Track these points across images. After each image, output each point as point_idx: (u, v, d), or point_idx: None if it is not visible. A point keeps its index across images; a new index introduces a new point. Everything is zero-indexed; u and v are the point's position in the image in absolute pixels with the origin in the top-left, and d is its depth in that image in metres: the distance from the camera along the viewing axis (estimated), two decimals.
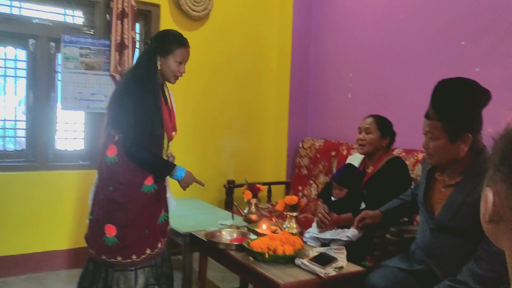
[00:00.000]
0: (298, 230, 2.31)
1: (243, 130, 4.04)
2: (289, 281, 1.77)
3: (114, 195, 2.06)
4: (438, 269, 1.75)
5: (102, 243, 2.07)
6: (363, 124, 2.53)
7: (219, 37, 3.87)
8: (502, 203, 0.61)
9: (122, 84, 2.12)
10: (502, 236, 0.64)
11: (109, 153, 2.10)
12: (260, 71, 4.12)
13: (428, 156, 1.78)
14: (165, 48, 2.11)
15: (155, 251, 2.15)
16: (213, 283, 3.20)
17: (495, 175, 0.63)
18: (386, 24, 3.34)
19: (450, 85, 1.71)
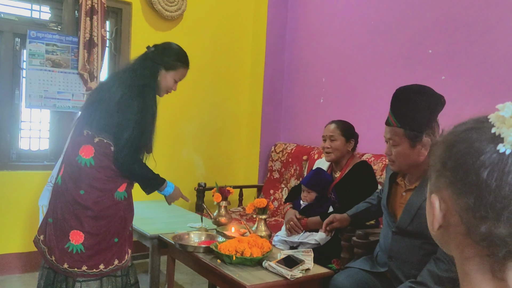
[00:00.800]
0: (267, 233, 2.30)
1: (215, 133, 4.01)
2: (255, 283, 1.75)
3: (86, 200, 1.93)
4: (399, 270, 1.80)
5: (65, 250, 1.93)
6: (326, 132, 2.54)
7: (192, 38, 3.84)
8: (448, 208, 0.61)
9: (120, 87, 1.96)
10: (451, 241, 0.64)
11: (83, 153, 1.97)
12: (233, 74, 4.10)
13: (390, 162, 1.83)
14: (170, 62, 2.10)
15: (122, 262, 2.04)
16: (182, 286, 3.15)
17: (438, 181, 0.63)
18: (358, 31, 3.39)
19: (408, 92, 1.76)
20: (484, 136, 0.58)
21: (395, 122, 1.76)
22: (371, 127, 3.11)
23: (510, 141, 0.55)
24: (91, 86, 3.25)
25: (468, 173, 0.57)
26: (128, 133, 1.92)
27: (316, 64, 3.78)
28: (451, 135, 0.63)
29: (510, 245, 0.56)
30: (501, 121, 0.57)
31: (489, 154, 0.56)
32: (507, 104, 0.57)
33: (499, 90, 2.42)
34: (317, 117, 3.71)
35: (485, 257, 0.59)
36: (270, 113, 4.10)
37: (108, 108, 1.94)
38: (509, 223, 0.55)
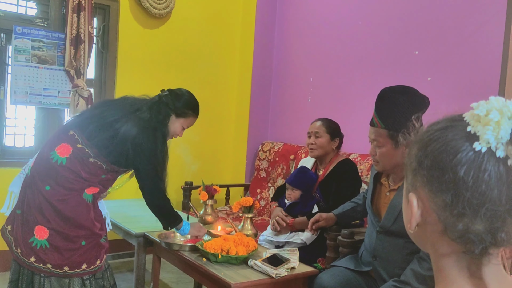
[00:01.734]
0: (253, 231, 2.31)
1: (202, 132, 4.00)
2: (240, 282, 1.76)
3: (49, 196, 1.90)
4: (383, 269, 1.82)
5: (29, 244, 1.90)
6: (312, 129, 2.56)
7: (181, 36, 3.83)
8: (425, 206, 0.62)
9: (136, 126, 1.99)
10: (427, 239, 0.65)
11: (59, 151, 1.94)
12: (221, 72, 4.10)
13: (375, 162, 1.84)
14: (182, 110, 2.15)
15: (92, 268, 1.98)
16: (168, 285, 3.15)
17: (414, 180, 0.64)
18: (346, 31, 3.41)
19: (392, 92, 1.77)
20: (460, 134, 0.59)
21: (379, 122, 1.77)
22: (357, 127, 3.13)
23: (486, 139, 0.56)
24: (77, 83, 3.22)
25: (444, 171, 0.58)
26: (147, 171, 2.00)
27: (304, 64, 3.80)
28: (426, 134, 0.63)
29: (486, 241, 0.57)
30: (476, 120, 0.58)
31: (465, 152, 0.57)
32: (481, 103, 0.59)
33: (484, 91, 2.46)
34: (305, 117, 3.73)
35: (461, 254, 0.61)
36: (258, 112, 4.10)
37: (117, 138, 1.96)
38: (486, 219, 0.56)
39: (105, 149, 1.97)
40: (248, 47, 4.07)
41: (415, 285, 1.64)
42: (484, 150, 0.56)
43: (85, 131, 1.98)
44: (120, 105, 2.08)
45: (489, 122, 0.56)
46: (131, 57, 3.60)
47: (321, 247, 2.34)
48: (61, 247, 1.91)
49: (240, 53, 4.15)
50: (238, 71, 4.17)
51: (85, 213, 1.97)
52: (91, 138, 1.97)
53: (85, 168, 1.96)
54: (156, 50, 3.72)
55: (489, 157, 0.56)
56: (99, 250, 2.01)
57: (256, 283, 1.80)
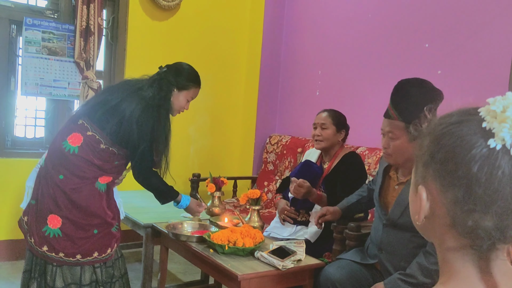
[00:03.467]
0: (260, 223, 2.32)
1: (210, 124, 4.02)
2: (247, 273, 1.77)
3: (63, 185, 1.94)
4: (389, 263, 1.81)
5: (42, 233, 1.94)
6: (318, 120, 2.54)
7: (189, 29, 3.83)
8: (435, 199, 0.62)
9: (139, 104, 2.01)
10: (435, 231, 0.65)
11: (70, 140, 1.98)
12: (229, 65, 4.10)
13: (387, 155, 1.81)
14: (182, 83, 2.17)
15: (103, 256, 2.02)
16: (175, 275, 3.18)
17: (425, 173, 0.63)
18: (355, 23, 3.39)
19: (410, 85, 1.75)
20: (474, 130, 0.58)
21: (396, 115, 1.73)
22: (366, 120, 3.12)
23: (501, 136, 0.55)
24: (87, 74, 3.25)
25: (458, 166, 0.57)
26: (142, 148, 2.01)
27: (312, 57, 3.78)
28: (439, 127, 0.62)
29: (494, 237, 0.57)
30: (492, 116, 0.57)
31: (480, 149, 0.56)
32: (498, 99, 0.58)
33: (495, 84, 2.44)
34: (313, 110, 3.71)
35: (468, 248, 0.60)
36: (266, 105, 4.10)
37: (125, 121, 1.99)
38: (496, 216, 0.56)
39: (114, 134, 2.00)
40: (257, 39, 4.06)
41: (420, 278, 1.64)
42: (498, 148, 0.56)
43: (93, 119, 2.02)
44: (122, 87, 2.10)
45: (505, 120, 0.56)
46: (140, 49, 3.61)
47: (327, 241, 2.34)
48: (73, 236, 1.95)
49: (249, 45, 4.14)
50: (247, 64, 4.16)
51: (97, 202, 2.00)
52: (100, 125, 2.01)
53: (97, 155, 2.00)
54: (164, 42, 3.73)
55: (503, 155, 0.56)
56: (110, 239, 2.05)
57: (262, 274, 1.82)
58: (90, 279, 1.99)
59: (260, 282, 1.84)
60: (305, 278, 1.97)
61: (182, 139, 3.85)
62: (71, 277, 1.96)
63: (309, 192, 2.32)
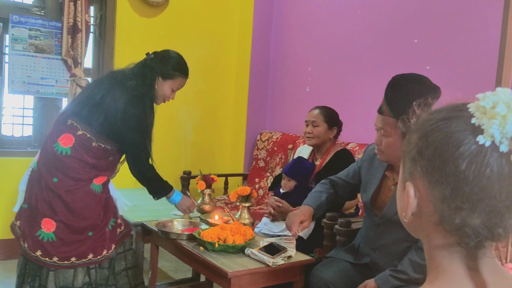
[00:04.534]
0: (250, 220, 2.32)
1: (201, 121, 4.00)
2: (237, 270, 1.77)
3: (58, 188, 1.91)
4: (382, 261, 1.79)
5: (36, 237, 1.91)
6: (309, 117, 2.54)
7: (178, 25, 3.80)
8: (422, 196, 0.61)
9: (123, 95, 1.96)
10: (422, 229, 0.64)
11: (62, 142, 1.94)
12: (219, 62, 4.08)
13: (379, 152, 1.75)
14: (168, 72, 2.09)
15: (98, 258, 1.99)
16: (166, 273, 3.17)
17: (413, 169, 0.62)
18: (344, 19, 3.39)
19: (404, 81, 1.68)
20: (463, 126, 0.57)
21: (388, 111, 1.67)
22: (356, 116, 3.13)
23: (490, 133, 0.54)
24: (75, 72, 3.21)
25: (445, 164, 0.57)
26: (133, 140, 1.98)
27: (302, 53, 3.78)
28: (427, 123, 0.61)
29: (482, 235, 0.57)
30: (481, 112, 0.56)
31: (469, 146, 0.55)
32: (488, 94, 0.57)
33: (483, 79, 2.45)
34: (303, 106, 3.72)
35: (456, 246, 0.60)
36: (256, 102, 4.09)
37: (110, 114, 1.95)
38: (484, 214, 0.55)
39: (102, 129, 1.96)
40: (246, 36, 4.05)
41: (411, 274, 1.63)
42: (488, 144, 0.55)
43: (81, 117, 1.98)
44: (106, 79, 2.05)
45: (495, 116, 0.55)
46: (129, 46, 3.58)
47: (317, 237, 2.34)
48: (68, 239, 1.92)
49: (238, 42, 4.13)
50: (236, 60, 4.14)
51: (93, 203, 1.97)
52: (88, 122, 1.97)
53: (91, 154, 1.97)
54: (153, 39, 3.70)
55: (492, 152, 0.55)
56: (104, 239, 2.02)
57: (252, 271, 1.81)
58: (83, 281, 1.97)
59: (250, 279, 1.84)
60: (295, 274, 1.97)
61: (173, 137, 3.83)
62: (63, 281, 1.94)
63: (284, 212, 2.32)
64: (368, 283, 1.73)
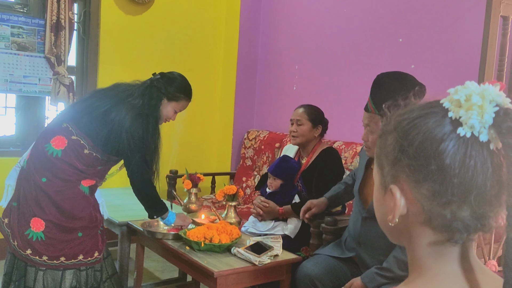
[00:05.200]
0: (237, 219, 2.31)
1: (188, 120, 3.97)
2: (223, 270, 1.76)
3: (46, 187, 1.90)
4: (368, 256, 1.82)
5: (25, 236, 1.90)
6: (294, 116, 2.55)
7: (164, 23, 3.77)
8: (408, 197, 0.60)
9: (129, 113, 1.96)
10: (406, 230, 0.63)
11: (54, 143, 1.94)
12: (206, 60, 4.05)
13: (367, 148, 1.82)
14: (173, 93, 2.12)
15: (89, 259, 1.98)
16: (153, 273, 3.14)
17: (395, 171, 0.61)
18: (331, 18, 3.40)
19: (388, 79, 1.74)
20: (441, 121, 0.57)
21: (373, 108, 1.73)
22: (342, 114, 3.14)
23: (470, 124, 0.55)
24: (58, 70, 3.16)
25: (429, 160, 0.57)
26: (136, 159, 1.98)
27: (290, 52, 3.78)
28: (403, 122, 0.61)
29: (471, 228, 0.57)
30: (456, 105, 0.57)
31: (449, 139, 0.56)
32: (459, 88, 0.57)
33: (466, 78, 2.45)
34: (290, 105, 3.71)
35: (444, 243, 0.59)
36: (243, 100, 4.08)
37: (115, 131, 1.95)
38: (475, 205, 0.56)
39: (104, 143, 1.97)
40: (233, 34, 4.03)
41: (397, 272, 1.65)
42: (468, 136, 0.55)
43: (79, 124, 1.98)
44: (111, 93, 2.06)
45: (472, 107, 0.55)
46: (114, 44, 3.53)
47: (304, 236, 2.35)
48: (57, 239, 1.92)
49: (225, 40, 4.11)
50: (223, 59, 4.13)
51: (82, 204, 1.97)
52: (87, 131, 1.98)
53: (81, 160, 1.97)
54: (139, 37, 3.66)
55: (472, 143, 0.55)
56: (96, 241, 2.02)
57: (239, 271, 1.81)
58: (70, 285, 1.95)
59: (237, 279, 1.83)
60: (282, 273, 1.97)
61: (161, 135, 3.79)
62: (52, 282, 1.92)
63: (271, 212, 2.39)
64: (354, 281, 1.74)
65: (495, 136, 0.55)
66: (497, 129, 0.55)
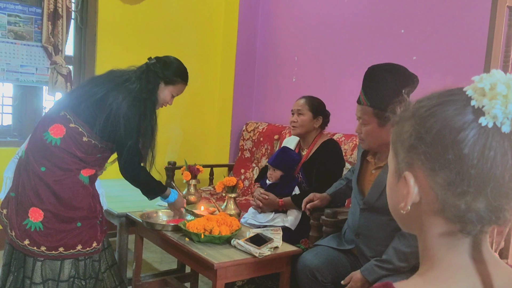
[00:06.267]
0: (236, 211, 2.30)
1: (186, 112, 3.95)
2: (223, 261, 1.75)
3: (46, 177, 1.88)
4: (366, 247, 1.83)
5: (23, 226, 1.88)
6: (295, 106, 2.55)
7: (162, 12, 3.73)
8: (422, 185, 0.59)
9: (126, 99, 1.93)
10: (418, 219, 0.62)
11: (52, 131, 1.91)
12: (205, 51, 4.02)
13: (360, 140, 1.84)
14: (171, 77, 2.10)
15: (87, 250, 1.97)
16: (151, 265, 3.14)
17: (410, 158, 0.60)
18: (331, 9, 3.36)
19: (379, 71, 1.75)
20: (462, 109, 0.56)
21: (365, 100, 1.75)
22: (342, 106, 3.12)
23: (493, 113, 0.53)
24: (55, 60, 3.12)
25: (447, 149, 0.55)
26: (130, 144, 1.95)
27: (289, 43, 3.75)
28: (422, 109, 0.59)
29: (485, 220, 0.56)
30: (480, 94, 0.55)
31: (470, 129, 0.54)
32: (484, 76, 0.56)
33: (470, 70, 2.46)
34: (289, 96, 3.70)
35: (457, 234, 0.58)
36: (242, 92, 4.05)
37: (113, 117, 1.92)
38: (491, 197, 0.54)
39: (98, 127, 1.94)
40: (232, 25, 3.99)
41: (396, 263, 1.65)
42: (490, 126, 0.54)
43: (77, 111, 1.96)
44: (107, 79, 2.03)
45: (496, 96, 0.53)
46: (111, 33, 3.49)
47: (303, 228, 2.34)
48: (55, 229, 1.90)
49: (224, 31, 4.07)
50: (222, 50, 4.09)
51: (81, 194, 1.95)
52: (85, 119, 1.95)
53: (80, 148, 1.94)
54: (137, 26, 3.62)
55: (493, 133, 0.54)
56: (95, 231, 2.00)
57: (239, 262, 1.80)
58: (69, 275, 1.94)
59: (236, 270, 1.82)
60: (282, 265, 1.96)
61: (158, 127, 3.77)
62: (50, 273, 1.91)
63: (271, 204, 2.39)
64: (354, 275, 1.74)
65: None
66: None
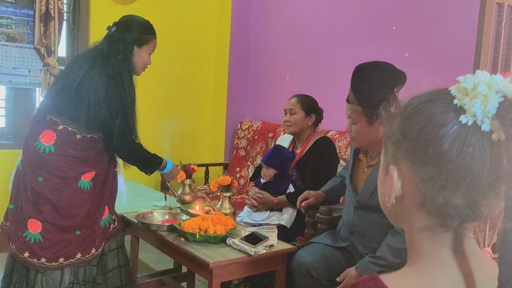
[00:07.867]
0: (231, 210, 2.30)
1: (180, 111, 3.95)
2: (219, 260, 1.76)
3: (43, 187, 1.85)
4: (360, 244, 1.84)
5: (23, 238, 1.86)
6: (287, 105, 2.57)
7: (155, 12, 3.71)
8: (405, 179, 0.62)
9: (101, 80, 1.85)
10: (404, 213, 0.64)
11: (43, 139, 1.87)
12: (198, 50, 4.02)
13: (351, 139, 1.86)
14: (141, 38, 1.99)
15: (86, 257, 1.95)
16: (148, 265, 3.14)
17: (396, 153, 0.63)
18: (324, 7, 3.37)
19: (366, 69, 1.75)
20: (445, 107, 0.58)
21: (354, 99, 1.77)
22: (336, 103, 3.12)
23: (473, 112, 0.56)
24: (48, 61, 3.12)
25: (429, 144, 0.58)
26: (118, 122, 1.88)
27: (282, 41, 3.75)
28: (409, 107, 0.62)
29: (464, 215, 0.58)
30: (463, 93, 0.57)
31: (451, 126, 0.57)
32: (468, 76, 0.58)
33: (461, 66, 2.48)
34: (283, 94, 3.71)
35: (437, 228, 0.61)
36: (236, 90, 4.06)
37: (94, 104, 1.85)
38: (467, 192, 0.56)
39: (83, 118, 1.88)
40: (225, 24, 3.99)
41: (390, 259, 1.66)
42: (470, 124, 0.56)
43: (60, 110, 1.90)
44: (76, 66, 1.93)
45: (477, 95, 0.56)
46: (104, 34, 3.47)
47: (299, 226, 2.35)
48: (55, 240, 1.88)
49: (217, 30, 4.07)
50: (216, 49, 4.09)
51: (79, 201, 1.92)
52: (69, 115, 1.90)
53: (77, 147, 1.90)
54: None
55: (474, 131, 0.56)
56: (94, 238, 1.98)
57: (234, 261, 1.81)
58: (69, 281, 1.94)
59: (232, 269, 1.83)
60: (277, 263, 1.97)
61: (152, 126, 3.77)
62: (51, 282, 1.90)
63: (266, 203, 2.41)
64: (348, 272, 1.75)
65: (498, 126, 0.55)
66: (500, 119, 0.55)
